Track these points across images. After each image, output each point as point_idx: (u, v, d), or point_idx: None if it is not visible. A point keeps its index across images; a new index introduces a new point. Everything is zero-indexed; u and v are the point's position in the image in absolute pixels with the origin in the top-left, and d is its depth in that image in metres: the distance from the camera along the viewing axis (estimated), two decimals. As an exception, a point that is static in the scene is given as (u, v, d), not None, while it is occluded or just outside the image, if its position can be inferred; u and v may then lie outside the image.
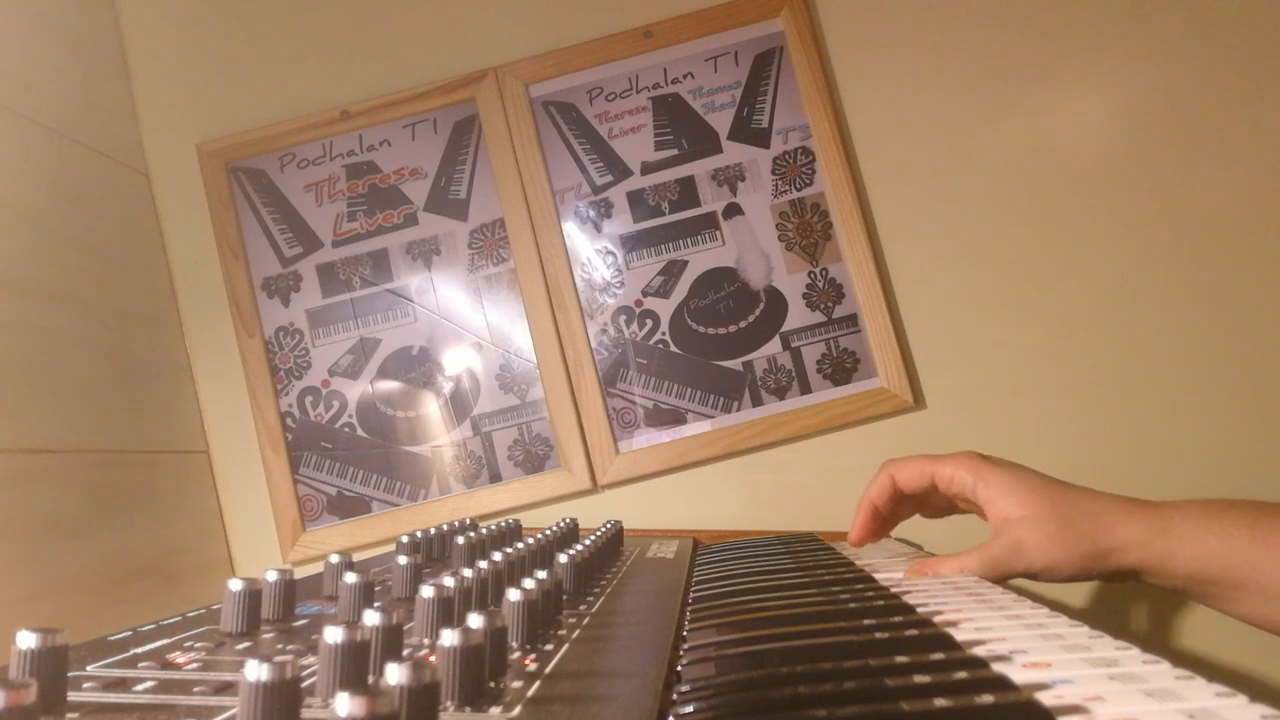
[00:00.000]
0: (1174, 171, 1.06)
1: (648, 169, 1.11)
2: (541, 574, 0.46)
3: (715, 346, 1.08)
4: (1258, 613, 0.60)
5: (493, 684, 0.35)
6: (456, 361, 1.11)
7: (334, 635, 0.32)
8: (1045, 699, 0.32)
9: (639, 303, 1.09)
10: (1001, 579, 0.63)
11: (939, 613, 0.48)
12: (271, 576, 0.50)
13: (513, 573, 0.53)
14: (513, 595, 0.42)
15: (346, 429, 1.11)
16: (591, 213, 1.11)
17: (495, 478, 1.08)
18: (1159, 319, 1.04)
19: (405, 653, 0.39)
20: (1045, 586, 0.83)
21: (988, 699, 0.32)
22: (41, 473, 0.84)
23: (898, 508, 0.74)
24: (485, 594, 0.47)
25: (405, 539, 0.72)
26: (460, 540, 0.65)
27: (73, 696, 0.34)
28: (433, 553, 0.73)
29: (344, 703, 0.24)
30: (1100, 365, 1.04)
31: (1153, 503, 0.63)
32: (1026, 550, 0.61)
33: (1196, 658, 0.97)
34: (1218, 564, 0.59)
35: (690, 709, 0.33)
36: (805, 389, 1.06)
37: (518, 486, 1.07)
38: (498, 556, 0.52)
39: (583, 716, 0.31)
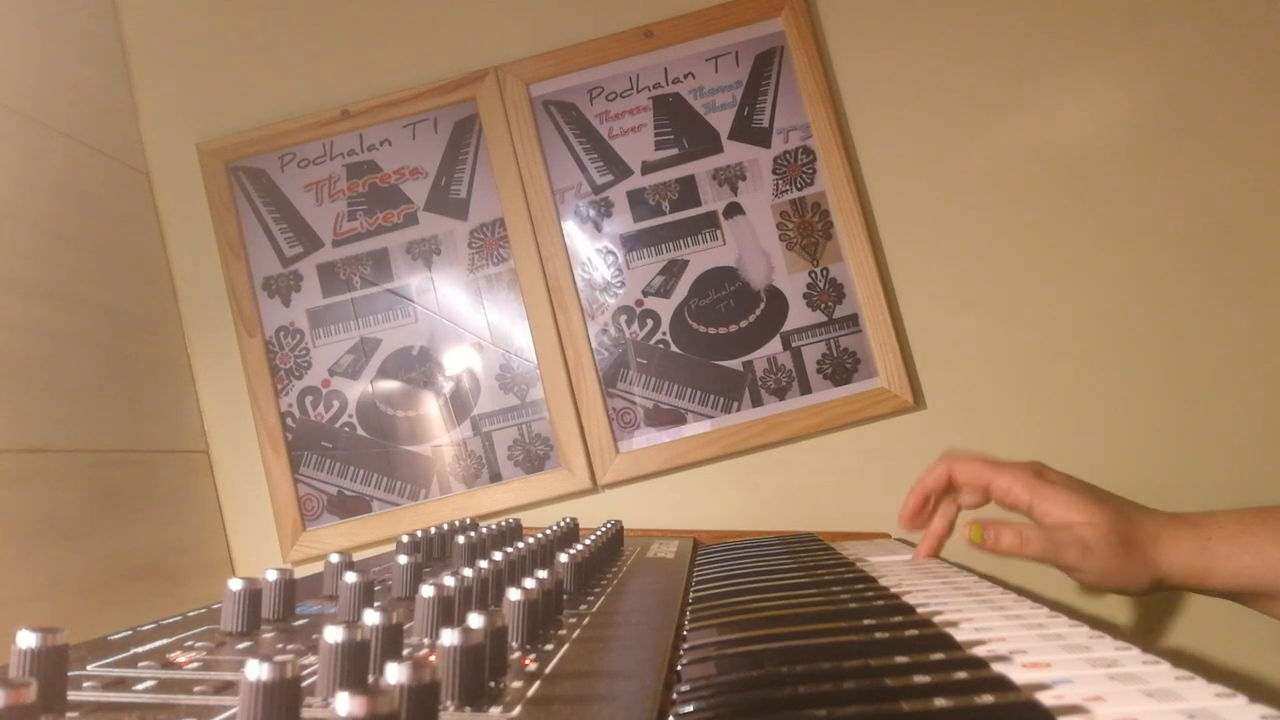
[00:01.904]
0: (1175, 171, 1.06)
1: (648, 168, 1.11)
2: (542, 574, 0.46)
3: (715, 346, 1.08)
4: None
5: (493, 684, 0.35)
6: (457, 361, 1.11)
7: (334, 635, 0.32)
8: (1045, 699, 0.32)
9: (639, 302, 1.09)
10: (1050, 563, 0.64)
11: (939, 613, 0.48)
12: (272, 576, 0.50)
13: (513, 572, 0.53)
14: (513, 595, 0.42)
15: (347, 429, 1.11)
16: (592, 212, 1.11)
17: (495, 477, 1.08)
18: (1160, 318, 1.04)
19: (405, 652, 0.39)
20: (1046, 587, 0.83)
21: (988, 699, 0.32)
22: (41, 472, 0.84)
23: (944, 501, 0.76)
24: (485, 594, 0.47)
25: (405, 538, 0.72)
26: (460, 540, 0.65)
27: (73, 696, 0.34)
28: (433, 552, 0.73)
29: (344, 702, 0.24)
30: (1101, 365, 1.04)
31: (1191, 519, 0.65)
32: (1092, 553, 0.63)
33: (1196, 658, 0.97)
34: (1252, 579, 0.61)
35: (690, 709, 0.33)
36: (805, 389, 1.06)
37: (518, 486, 1.07)
38: (498, 556, 0.52)
39: (583, 716, 0.31)
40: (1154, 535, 0.63)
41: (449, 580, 0.44)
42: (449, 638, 0.32)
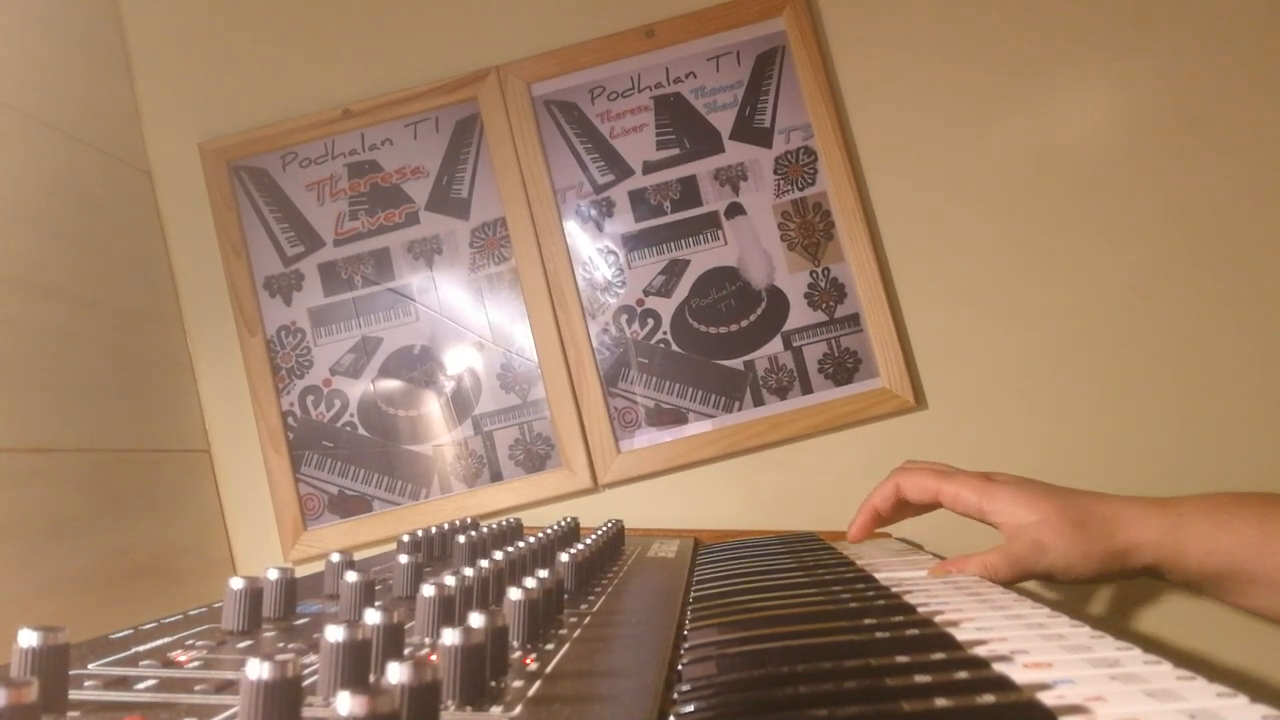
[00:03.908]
0: (1176, 170, 1.06)
1: (649, 168, 1.11)
2: (542, 573, 0.46)
3: (717, 346, 1.08)
4: (1269, 605, 0.62)
5: (494, 683, 0.35)
6: (458, 360, 1.11)
7: (335, 634, 0.32)
8: (1046, 699, 0.32)
9: (640, 302, 1.09)
10: (1022, 578, 0.64)
11: (940, 612, 0.48)
12: (273, 575, 0.49)
13: (514, 572, 0.53)
14: (514, 594, 0.42)
15: (348, 428, 1.11)
16: (593, 212, 1.11)
17: (496, 477, 1.08)
18: (1161, 318, 1.04)
19: (406, 652, 0.39)
20: (1046, 587, 0.83)
21: (989, 699, 0.32)
22: (43, 471, 0.84)
23: (900, 512, 0.76)
24: (486, 593, 0.47)
25: (406, 538, 0.72)
26: (461, 539, 0.65)
27: (74, 695, 0.34)
28: (434, 552, 0.73)
29: (345, 701, 0.24)
30: (1103, 365, 1.04)
31: (1161, 500, 0.64)
32: (1047, 550, 0.62)
33: (1198, 658, 0.96)
34: (1229, 559, 0.60)
35: (691, 708, 0.33)
36: (806, 389, 1.06)
37: (519, 486, 1.07)
38: (499, 555, 0.52)
39: (584, 716, 0.31)
40: (1113, 515, 0.63)
41: (450, 580, 0.44)
42: (450, 637, 0.32)
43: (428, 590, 0.42)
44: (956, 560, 0.65)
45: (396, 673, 0.27)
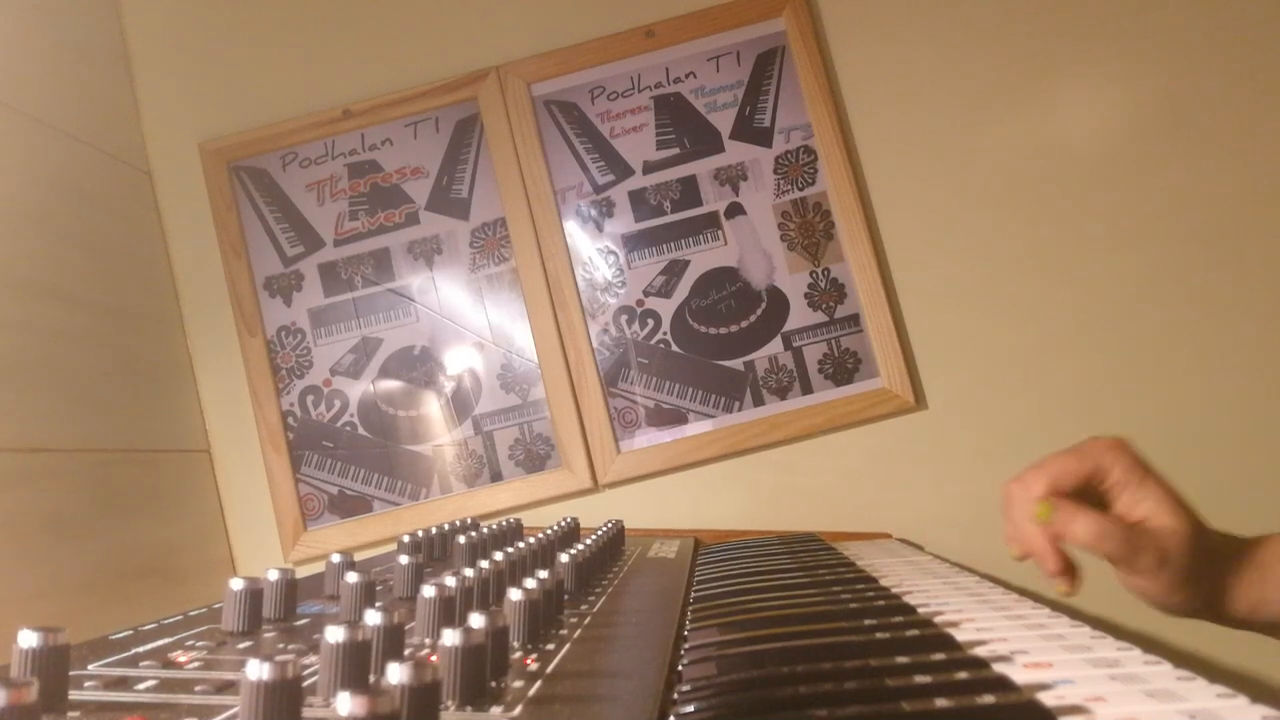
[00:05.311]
0: (1176, 170, 1.06)
1: (649, 168, 1.11)
2: (543, 573, 0.46)
3: (717, 346, 1.08)
4: None
5: (494, 683, 0.35)
6: (458, 361, 1.11)
7: (335, 635, 0.32)
8: (1046, 699, 0.32)
9: (640, 302, 1.09)
10: (1119, 564, 0.54)
11: (940, 613, 0.48)
12: (273, 576, 0.49)
13: (514, 572, 0.53)
14: (514, 595, 0.42)
15: (348, 428, 1.11)
16: (593, 212, 1.11)
17: (496, 477, 1.08)
18: (1161, 318, 1.04)
19: (406, 652, 0.39)
20: (1046, 586, 0.83)
21: (989, 699, 0.32)
22: (43, 472, 0.84)
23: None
24: (486, 593, 0.47)
25: (406, 538, 0.72)
26: (461, 540, 0.65)
27: (74, 695, 0.34)
28: (434, 552, 0.73)
29: (345, 702, 0.24)
30: (1102, 365, 1.04)
31: (1245, 546, 0.58)
32: (1168, 567, 0.53)
33: (1198, 658, 0.96)
34: (1273, 611, 0.56)
35: (691, 709, 0.33)
36: (807, 389, 1.06)
37: (519, 486, 1.07)
38: (499, 556, 0.52)
39: (584, 716, 0.31)
40: (1215, 562, 0.56)
41: (450, 580, 0.44)
42: (450, 638, 0.32)
43: (428, 591, 0.42)
44: (1069, 507, 0.52)
45: (396, 673, 0.27)
